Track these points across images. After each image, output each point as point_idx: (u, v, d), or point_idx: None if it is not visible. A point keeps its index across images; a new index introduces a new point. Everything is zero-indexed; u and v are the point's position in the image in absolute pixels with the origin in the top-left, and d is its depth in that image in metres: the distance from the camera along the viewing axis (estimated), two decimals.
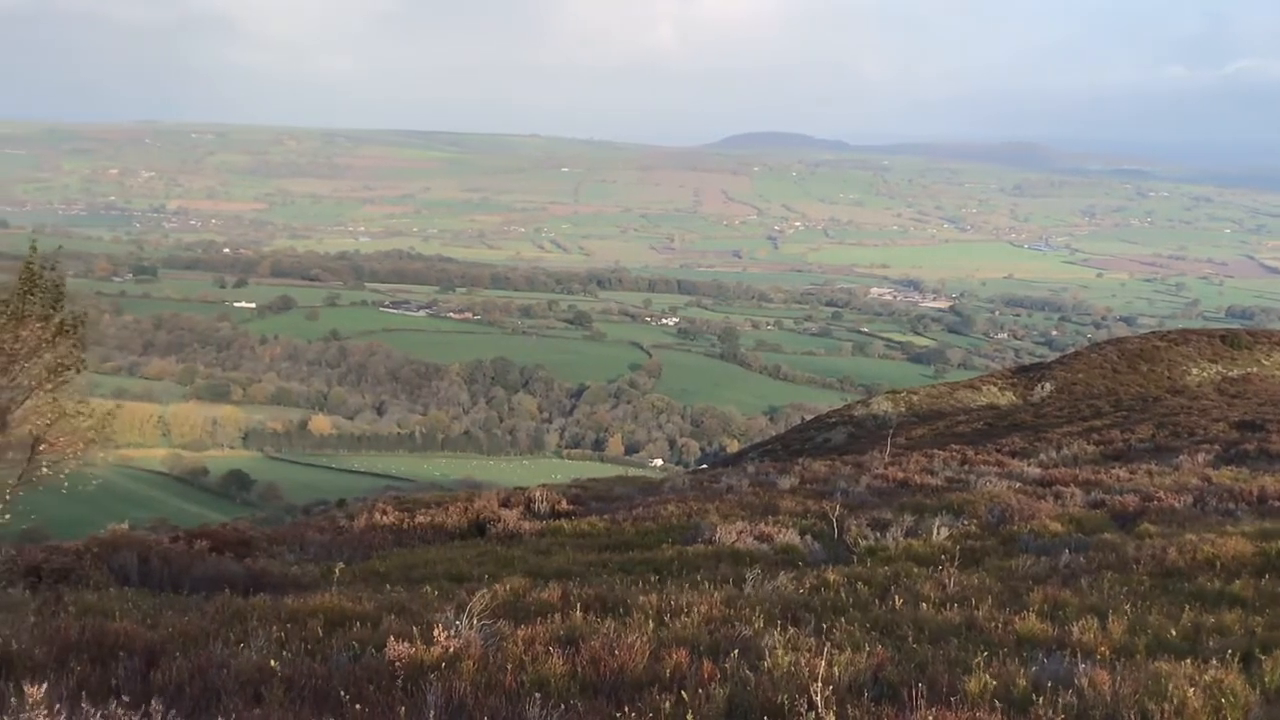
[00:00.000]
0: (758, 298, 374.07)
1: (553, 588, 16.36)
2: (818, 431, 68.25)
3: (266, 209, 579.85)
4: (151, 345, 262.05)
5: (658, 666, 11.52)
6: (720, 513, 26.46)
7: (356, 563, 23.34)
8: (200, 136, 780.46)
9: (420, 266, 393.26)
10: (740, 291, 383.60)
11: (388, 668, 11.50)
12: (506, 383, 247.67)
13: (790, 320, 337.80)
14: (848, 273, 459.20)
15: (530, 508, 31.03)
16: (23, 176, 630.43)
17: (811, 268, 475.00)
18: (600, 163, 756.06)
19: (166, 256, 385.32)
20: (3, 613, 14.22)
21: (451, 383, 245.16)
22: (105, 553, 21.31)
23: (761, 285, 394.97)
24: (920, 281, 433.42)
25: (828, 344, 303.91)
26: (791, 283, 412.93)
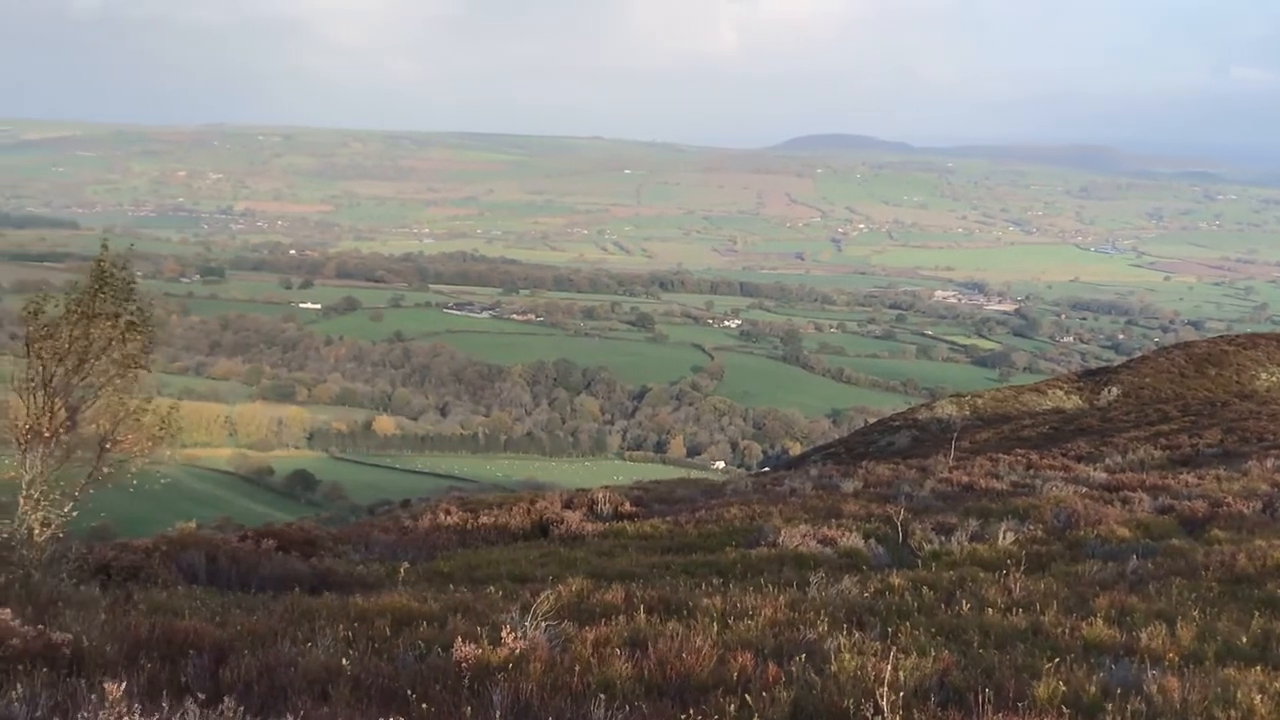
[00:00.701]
0: (821, 300, 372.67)
1: (616, 589, 16.36)
2: (881, 435, 67.90)
3: (332, 211, 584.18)
4: (218, 346, 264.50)
5: (723, 669, 11.51)
6: (783, 516, 26.38)
7: (421, 563, 23.44)
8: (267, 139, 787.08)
9: (484, 268, 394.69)
10: (803, 294, 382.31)
11: (454, 668, 11.55)
12: (569, 384, 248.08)
13: (853, 323, 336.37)
14: (912, 275, 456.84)
15: (593, 509, 31.04)
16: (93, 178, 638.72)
17: (875, 270, 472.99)
18: (663, 165, 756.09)
19: (233, 258, 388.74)
20: (75, 610, 14.38)
21: (514, 384, 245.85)
22: (173, 551, 21.51)
23: (824, 287, 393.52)
24: (985, 284, 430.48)
25: (891, 347, 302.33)
26: (855, 285, 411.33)
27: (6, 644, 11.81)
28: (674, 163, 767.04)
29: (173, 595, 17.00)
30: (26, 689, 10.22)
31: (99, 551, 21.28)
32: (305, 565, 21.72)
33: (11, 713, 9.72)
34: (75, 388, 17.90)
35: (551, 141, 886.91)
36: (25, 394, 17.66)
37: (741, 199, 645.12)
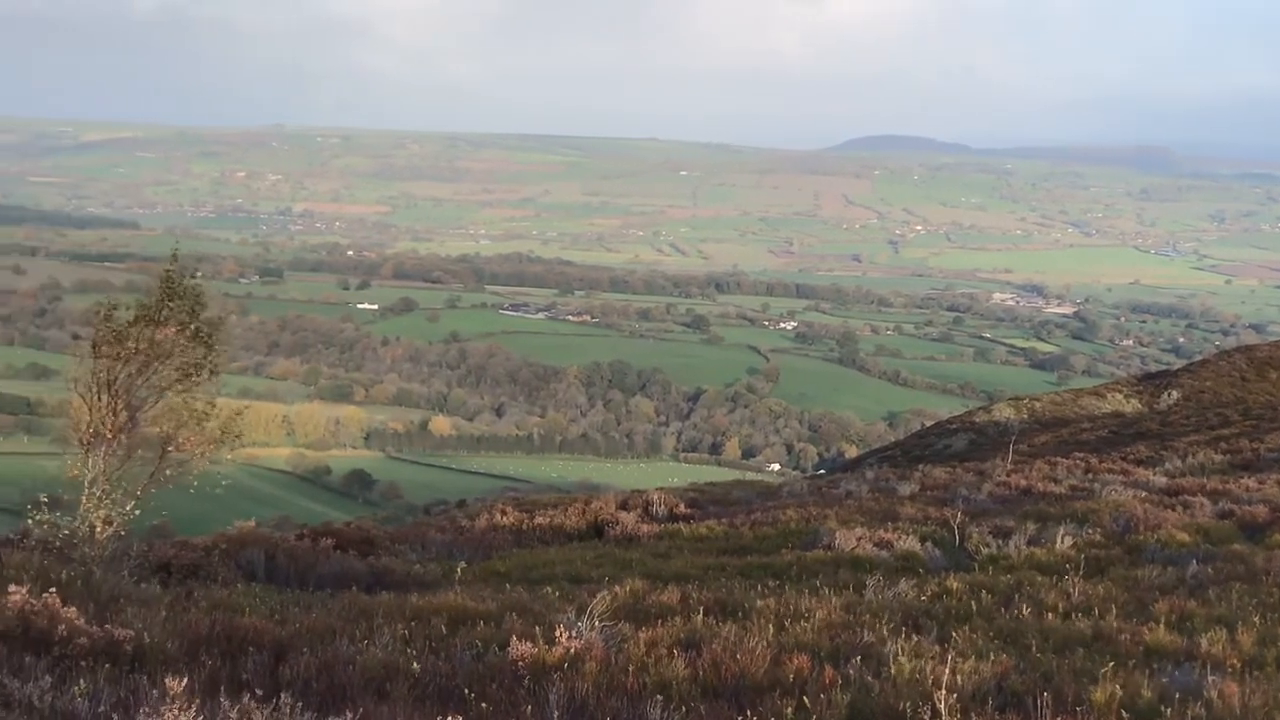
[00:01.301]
0: (877, 302, 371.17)
1: (672, 590, 16.38)
2: (938, 438, 67.62)
3: (389, 212, 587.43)
4: (277, 346, 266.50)
5: (779, 671, 11.50)
6: (839, 518, 26.32)
7: (477, 562, 23.54)
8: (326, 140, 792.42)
9: (539, 269, 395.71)
10: (860, 296, 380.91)
11: (511, 667, 11.60)
12: (624, 386, 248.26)
13: (910, 325, 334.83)
14: (970, 277, 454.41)
15: (648, 511, 31.07)
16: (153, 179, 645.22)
17: (932, 272, 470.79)
18: (719, 166, 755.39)
19: (292, 258, 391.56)
20: (136, 607, 14.53)
21: (569, 385, 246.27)
22: (233, 549, 21.71)
23: (881, 290, 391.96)
24: (1044, 287, 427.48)
25: (949, 349, 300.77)
26: (912, 287, 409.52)
27: (70, 640, 11.96)
28: (730, 164, 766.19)
29: (232, 593, 17.16)
30: (89, 684, 10.35)
31: (159, 549, 21.52)
32: (363, 564, 21.87)
33: (75, 708, 9.85)
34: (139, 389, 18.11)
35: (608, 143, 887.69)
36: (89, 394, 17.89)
37: (798, 200, 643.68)
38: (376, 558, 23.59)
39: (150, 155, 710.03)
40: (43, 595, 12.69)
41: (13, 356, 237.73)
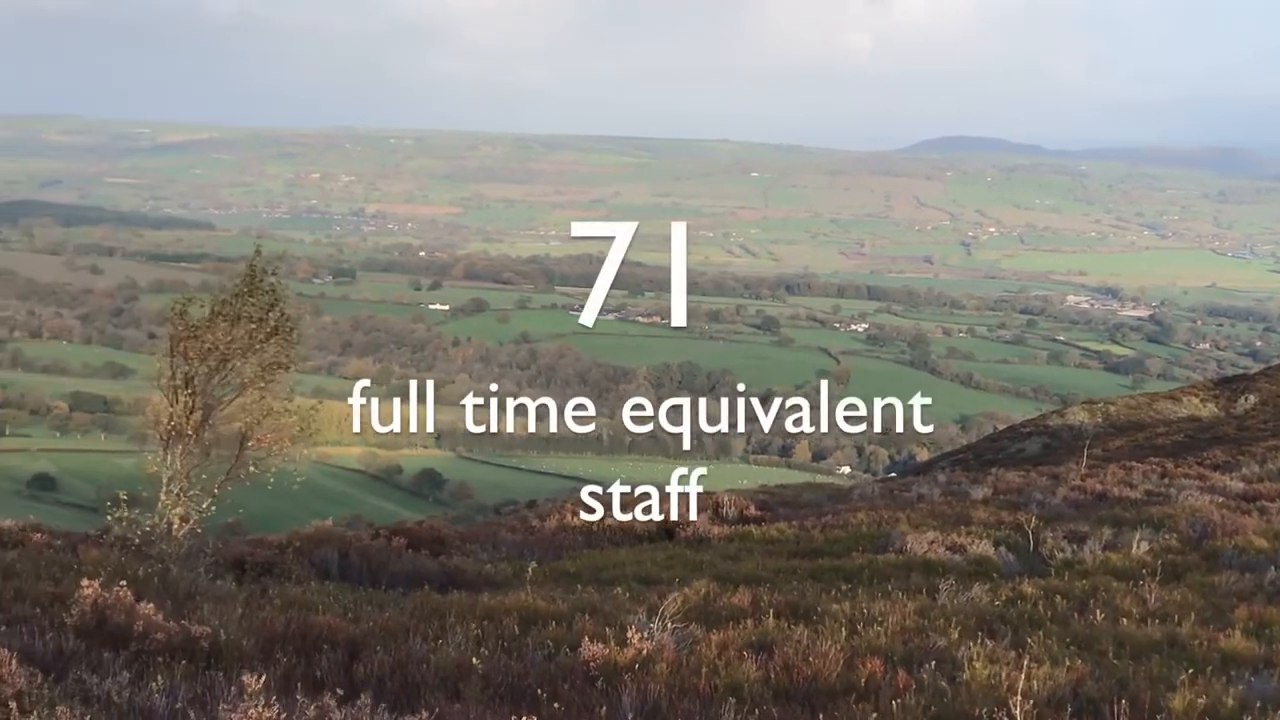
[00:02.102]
0: (949, 304, 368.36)
1: (743, 593, 16.37)
2: (1011, 441, 67.09)
3: (461, 213, 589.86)
4: (349, 346, 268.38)
5: (852, 675, 11.47)
6: (911, 522, 26.21)
7: (547, 562, 23.62)
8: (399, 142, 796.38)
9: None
10: (931, 298, 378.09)
11: (582, 667, 11.64)
12: (693, 387, 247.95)
13: (983, 328, 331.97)
14: (1043, 280, 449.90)
15: (718, 512, 31.06)
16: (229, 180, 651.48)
17: (1005, 274, 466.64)
18: (790, 167, 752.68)
19: (364, 259, 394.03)
20: (212, 604, 14.69)
21: (639, 386, 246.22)
22: (307, 548, 21.91)
23: (953, 292, 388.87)
24: (1119, 289, 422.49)
25: (1021, 352, 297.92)
26: (984, 289, 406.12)
27: (147, 636, 12.11)
28: (802, 165, 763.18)
29: (306, 591, 17.32)
30: (166, 681, 10.47)
31: (234, 547, 21.76)
32: (434, 563, 22.00)
33: (152, 704, 9.97)
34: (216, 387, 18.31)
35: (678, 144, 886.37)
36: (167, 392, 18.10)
37: (869, 202, 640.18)
38: (448, 557, 23.72)
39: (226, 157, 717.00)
40: (114, 589, 12.86)
41: (90, 355, 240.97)
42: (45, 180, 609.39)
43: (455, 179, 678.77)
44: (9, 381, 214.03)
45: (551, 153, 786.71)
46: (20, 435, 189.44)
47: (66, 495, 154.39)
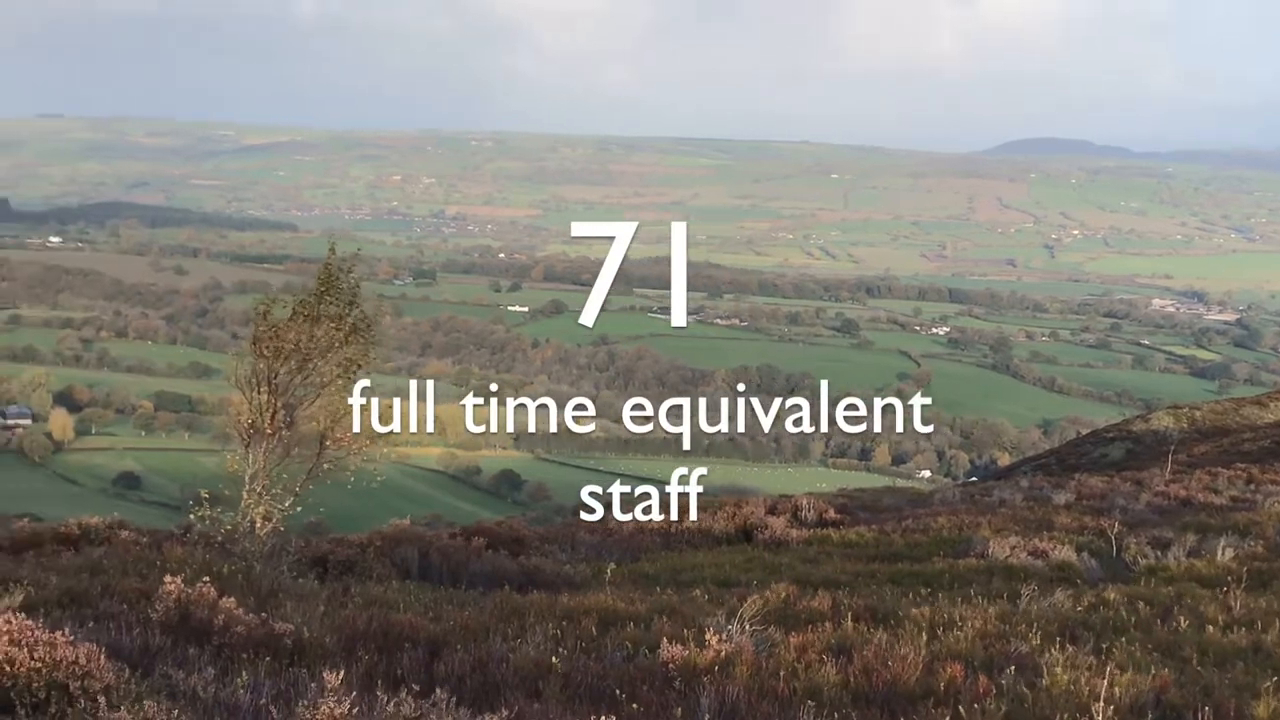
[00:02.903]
0: (1032, 307, 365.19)
1: (822, 596, 16.32)
2: (1094, 446, 66.39)
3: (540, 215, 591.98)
4: (429, 347, 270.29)
5: (931, 680, 11.40)
6: (992, 527, 26.02)
7: (626, 564, 23.65)
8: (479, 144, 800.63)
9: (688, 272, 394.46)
10: (1014, 301, 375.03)
11: (661, 669, 11.65)
12: (772, 389, 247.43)
13: (1066, 331, 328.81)
14: (1128, 283, 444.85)
15: (797, 515, 30.98)
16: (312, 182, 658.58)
17: (1089, 277, 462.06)
18: (871, 169, 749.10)
19: (444, 261, 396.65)
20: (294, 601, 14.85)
21: (717, 388, 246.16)
22: (387, 546, 22.09)
23: (1036, 295, 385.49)
24: (1205, 293, 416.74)
25: (1105, 356, 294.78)
26: (1068, 293, 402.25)
27: (231, 632, 12.26)
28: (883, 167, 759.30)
29: (387, 589, 17.46)
30: (251, 676, 10.59)
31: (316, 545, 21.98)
32: (513, 563, 22.11)
33: (237, 699, 10.08)
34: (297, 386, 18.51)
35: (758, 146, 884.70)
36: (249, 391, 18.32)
37: (952, 204, 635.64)
38: (527, 557, 23.82)
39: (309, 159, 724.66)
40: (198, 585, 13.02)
41: (175, 355, 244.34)
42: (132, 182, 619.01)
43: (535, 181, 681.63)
44: (96, 381, 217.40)
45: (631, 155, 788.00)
46: (106, 434, 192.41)
47: (151, 493, 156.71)
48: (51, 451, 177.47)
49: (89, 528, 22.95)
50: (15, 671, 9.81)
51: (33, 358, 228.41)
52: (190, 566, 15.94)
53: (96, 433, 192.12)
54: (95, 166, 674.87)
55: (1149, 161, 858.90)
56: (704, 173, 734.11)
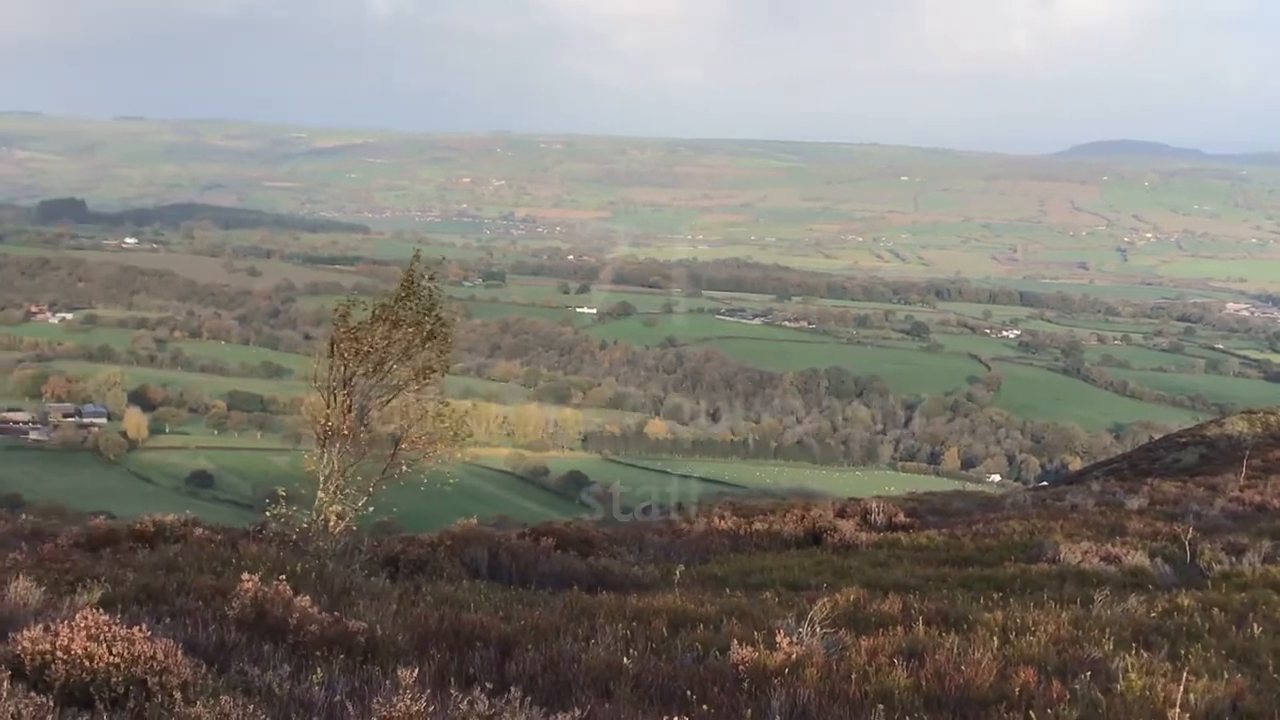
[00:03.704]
0: (1104, 311, 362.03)
1: (893, 600, 16.25)
2: (1166, 451, 65.64)
3: (609, 217, 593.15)
4: (498, 348, 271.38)
5: (1004, 684, 11.33)
6: (1064, 531, 25.82)
7: (695, 566, 23.64)
8: (549, 146, 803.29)
9: (757, 275, 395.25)
10: (1086, 304, 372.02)
11: (731, 670, 11.64)
12: (841, 392, 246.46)
13: (1139, 335, 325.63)
14: (1201, 287, 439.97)
15: (866, 519, 30.88)
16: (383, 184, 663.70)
17: (1162, 281, 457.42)
18: (941, 171, 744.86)
19: (514, 262, 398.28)
20: (367, 600, 14.96)
21: (785, 391, 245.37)
22: (457, 546, 22.19)
23: (1108, 298, 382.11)
24: None
25: (1178, 360, 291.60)
26: (1141, 296, 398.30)
27: (306, 630, 12.38)
28: (954, 169, 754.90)
29: (458, 589, 17.55)
30: (325, 674, 10.69)
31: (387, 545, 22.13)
32: (582, 564, 22.15)
33: (312, 696, 10.18)
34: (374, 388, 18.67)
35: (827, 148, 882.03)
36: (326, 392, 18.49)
37: (1023, 206, 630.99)
38: (595, 558, 23.86)
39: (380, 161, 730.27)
40: (273, 583, 13.14)
41: (248, 355, 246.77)
42: (207, 184, 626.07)
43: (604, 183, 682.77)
44: (170, 380, 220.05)
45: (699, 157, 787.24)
46: (180, 433, 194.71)
47: (223, 492, 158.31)
48: (126, 450, 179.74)
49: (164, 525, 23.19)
50: (94, 667, 9.95)
51: (108, 357, 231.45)
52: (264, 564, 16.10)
53: (170, 431, 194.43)
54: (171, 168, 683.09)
55: (1223, 164, 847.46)
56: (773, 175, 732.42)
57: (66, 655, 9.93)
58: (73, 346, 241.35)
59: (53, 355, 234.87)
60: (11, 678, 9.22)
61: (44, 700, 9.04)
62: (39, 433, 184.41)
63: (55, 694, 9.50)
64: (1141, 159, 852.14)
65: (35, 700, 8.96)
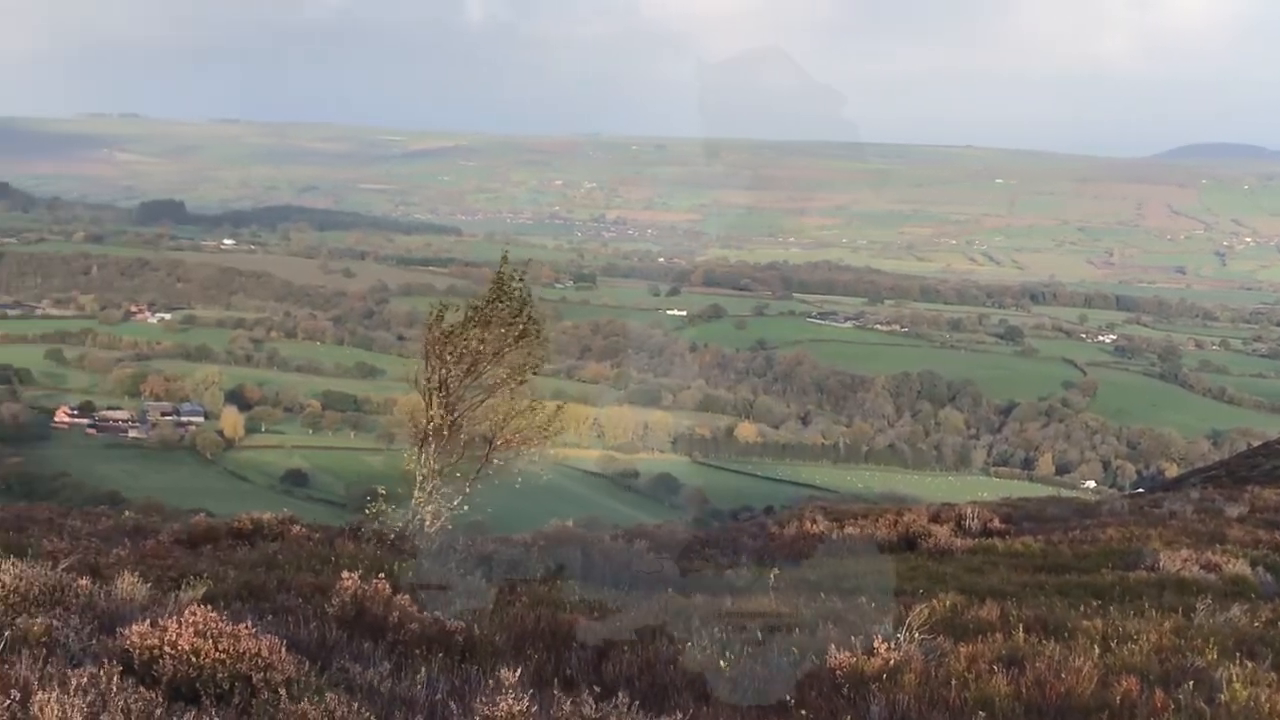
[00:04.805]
0: (1202, 316, 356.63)
1: (991, 606, 16.11)
2: (1266, 458, 64.54)
3: (700, 219, 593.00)
4: (589, 350, 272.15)
5: (1106, 693, 11.20)
6: (1162, 539, 25.46)
7: (787, 569, 23.55)
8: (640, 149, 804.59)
9: (848, 278, 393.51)
10: (1183, 309, 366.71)
11: (829, 674, 11.60)
12: (933, 396, 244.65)
13: (1238, 340, 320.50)
14: None
15: (961, 524, 30.57)
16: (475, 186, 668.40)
17: (1261, 285, 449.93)
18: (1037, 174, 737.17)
19: (605, 265, 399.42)
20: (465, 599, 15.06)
21: (877, 395, 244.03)
22: (550, 546, 22.29)
23: (1206, 303, 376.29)
24: None
25: (1278, 367, 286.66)
26: (1239, 301, 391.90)
27: (405, 628, 12.50)
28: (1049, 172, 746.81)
29: (552, 589, 17.61)
30: (426, 672, 10.79)
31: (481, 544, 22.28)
32: (675, 566, 22.16)
33: (413, 694, 10.28)
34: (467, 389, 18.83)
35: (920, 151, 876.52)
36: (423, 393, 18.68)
37: (1120, 209, 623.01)
38: (689, 560, 23.87)
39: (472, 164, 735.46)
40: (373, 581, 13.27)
41: (342, 356, 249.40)
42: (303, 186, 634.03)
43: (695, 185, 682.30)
44: (265, 380, 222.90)
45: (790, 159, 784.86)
46: (275, 432, 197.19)
47: (317, 490, 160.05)
48: (222, 448, 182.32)
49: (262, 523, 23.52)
50: (200, 662, 10.09)
51: (206, 357, 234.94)
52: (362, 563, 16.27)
53: (265, 431, 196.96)
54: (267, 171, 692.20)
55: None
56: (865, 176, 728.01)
57: (174, 651, 10.08)
58: (171, 346, 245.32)
59: (152, 355, 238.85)
60: (121, 673, 9.38)
61: (152, 695, 9.18)
62: (138, 431, 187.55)
63: (162, 689, 9.64)
64: (1240, 162, 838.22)
65: (144, 695, 9.11)
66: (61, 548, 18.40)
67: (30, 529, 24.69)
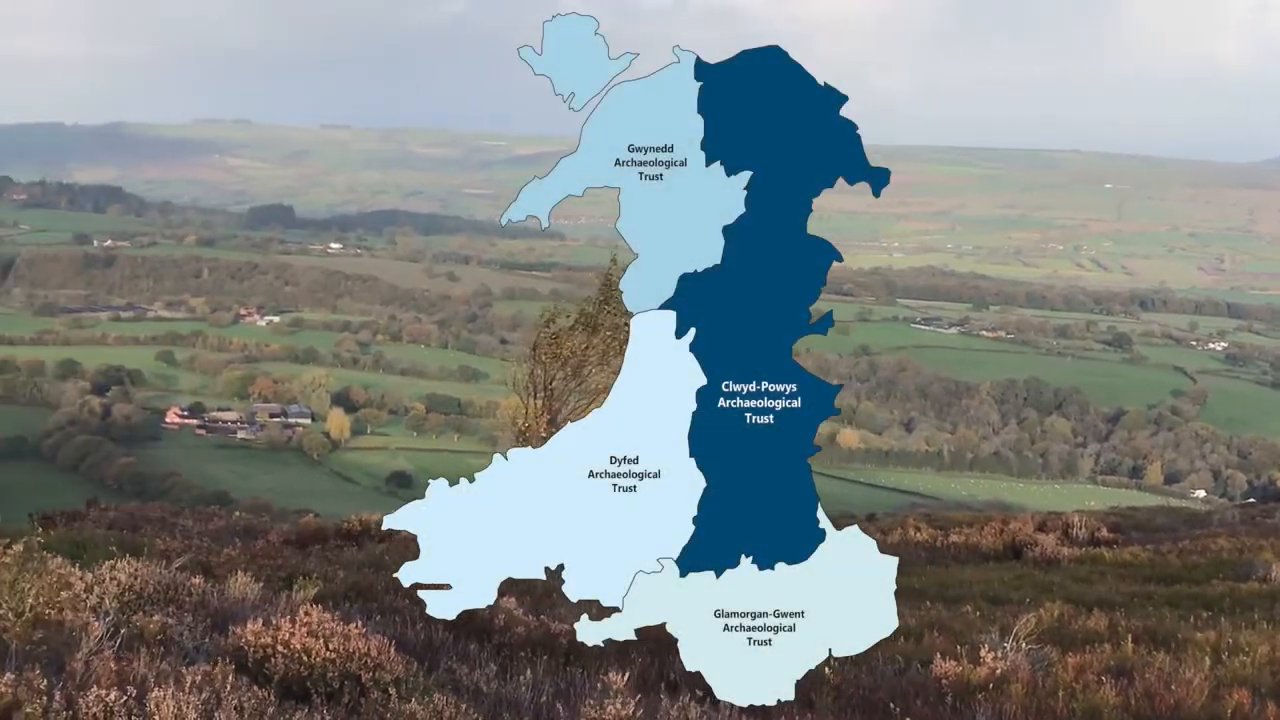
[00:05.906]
0: None
1: (1099, 616, 15.99)
2: None
3: None
4: None
5: (1217, 706, 11.08)
6: (1275, 550, 25.07)
7: None
8: None
9: (953, 283, 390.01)
10: None
11: (934, 684, 11.56)
12: (1039, 404, 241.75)
13: None
14: None
15: (1068, 533, 30.35)
16: None
17: None
18: (1146, 179, 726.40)
19: None
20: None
21: (981, 402, 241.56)
22: None
23: None
24: None
25: None
26: None
27: (511, 631, 12.65)
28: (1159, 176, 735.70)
29: None
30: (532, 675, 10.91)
31: None
32: None
33: (519, 696, 10.40)
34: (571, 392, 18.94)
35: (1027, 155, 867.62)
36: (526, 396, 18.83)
37: (1232, 215, 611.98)
38: None
39: None
40: None
41: (446, 358, 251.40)
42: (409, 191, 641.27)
43: None
44: (372, 383, 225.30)
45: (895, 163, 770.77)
46: (380, 434, 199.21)
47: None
48: (329, 450, 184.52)
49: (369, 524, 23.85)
50: (311, 661, 10.29)
51: (313, 359, 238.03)
52: None
53: (371, 432, 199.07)
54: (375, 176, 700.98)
55: None
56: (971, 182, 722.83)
57: (286, 649, 10.29)
58: (279, 348, 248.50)
59: (260, 357, 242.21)
60: (234, 671, 9.59)
61: (264, 694, 9.37)
62: (246, 432, 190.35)
63: (274, 687, 9.84)
64: None
65: (256, 694, 9.30)
66: (174, 547, 18.77)
67: (143, 528, 25.21)
